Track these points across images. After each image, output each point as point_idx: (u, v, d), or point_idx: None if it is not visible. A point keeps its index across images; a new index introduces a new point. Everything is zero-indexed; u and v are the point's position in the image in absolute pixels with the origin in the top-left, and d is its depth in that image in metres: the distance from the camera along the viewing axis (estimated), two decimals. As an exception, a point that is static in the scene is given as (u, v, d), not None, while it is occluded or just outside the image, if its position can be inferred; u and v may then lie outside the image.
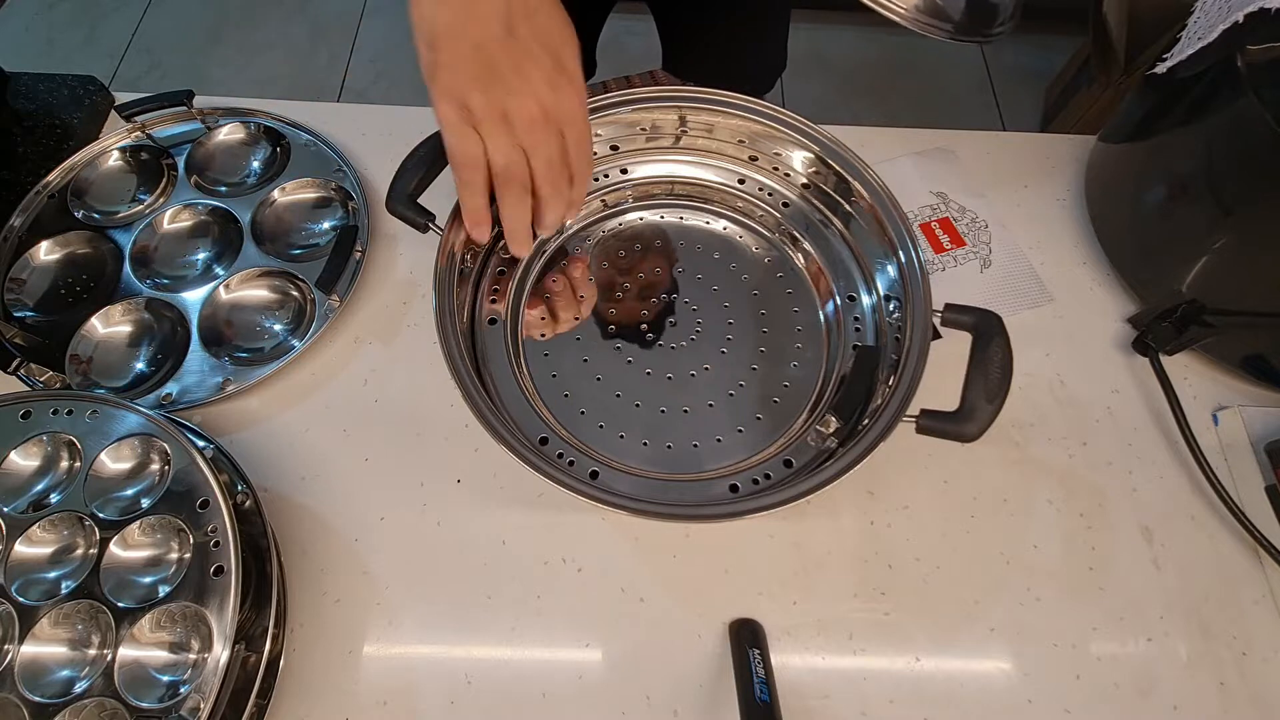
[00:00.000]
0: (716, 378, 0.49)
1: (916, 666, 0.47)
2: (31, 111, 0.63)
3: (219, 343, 0.54)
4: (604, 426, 0.48)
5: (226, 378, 0.52)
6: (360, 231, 0.57)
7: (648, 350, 0.50)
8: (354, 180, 0.60)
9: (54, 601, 0.41)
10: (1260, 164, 0.47)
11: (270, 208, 0.59)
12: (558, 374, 0.49)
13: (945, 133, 0.67)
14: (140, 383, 0.52)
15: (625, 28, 1.19)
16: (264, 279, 0.56)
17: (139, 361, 0.53)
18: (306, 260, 0.57)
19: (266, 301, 0.56)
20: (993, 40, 0.46)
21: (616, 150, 0.55)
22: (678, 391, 0.49)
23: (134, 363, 0.53)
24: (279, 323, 0.55)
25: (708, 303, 0.52)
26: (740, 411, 0.48)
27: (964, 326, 0.44)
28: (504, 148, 0.41)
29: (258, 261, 0.56)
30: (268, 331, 0.55)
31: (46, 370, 0.52)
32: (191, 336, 0.54)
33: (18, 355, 0.51)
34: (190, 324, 0.54)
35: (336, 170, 0.61)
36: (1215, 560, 0.50)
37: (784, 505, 0.40)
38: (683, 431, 0.48)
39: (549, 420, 0.48)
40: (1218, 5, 0.49)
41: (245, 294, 0.56)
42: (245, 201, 0.59)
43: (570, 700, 0.45)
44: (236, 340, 0.54)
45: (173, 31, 1.75)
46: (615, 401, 0.48)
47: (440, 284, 0.45)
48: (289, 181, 0.60)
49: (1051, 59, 1.64)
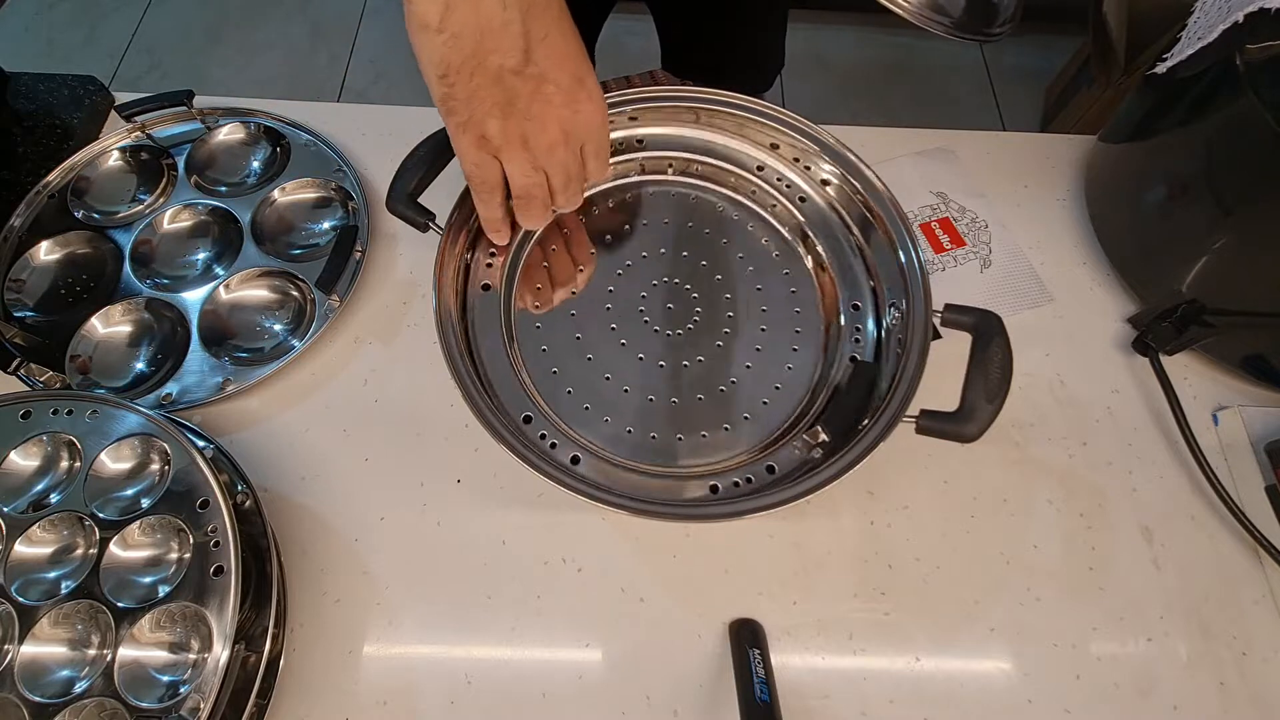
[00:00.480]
0: (709, 371, 0.48)
1: (916, 666, 0.47)
2: (31, 111, 0.63)
3: (219, 343, 0.54)
4: (589, 409, 0.47)
5: (226, 378, 0.52)
6: (360, 232, 0.57)
7: (642, 335, 0.49)
8: (354, 180, 0.60)
9: (54, 601, 0.41)
10: (1260, 164, 0.47)
11: (270, 207, 0.59)
12: (548, 348, 0.48)
13: (945, 133, 0.67)
14: (140, 383, 0.52)
15: (625, 28, 1.19)
16: (264, 279, 0.56)
17: (139, 362, 0.53)
18: (306, 260, 0.57)
19: (266, 302, 0.56)
20: (992, 40, 0.47)
21: (635, 121, 0.54)
22: (668, 381, 0.48)
23: (134, 363, 0.53)
24: (279, 323, 0.55)
25: (709, 292, 0.51)
26: (729, 409, 0.47)
27: (964, 327, 0.44)
28: (525, 171, 0.41)
29: (258, 261, 0.57)
30: (267, 332, 0.55)
31: (46, 370, 0.52)
32: (191, 336, 0.54)
33: (18, 355, 0.51)
34: (190, 324, 0.54)
35: (336, 170, 0.61)
36: (1215, 560, 0.50)
37: (784, 505, 0.40)
38: (668, 422, 0.47)
39: (535, 397, 0.46)
40: (1218, 5, 0.49)
41: (245, 294, 0.56)
42: (245, 201, 0.59)
43: (570, 700, 0.45)
44: (236, 340, 0.54)
45: (173, 31, 1.75)
46: (604, 384, 0.47)
47: (440, 284, 0.45)
48: (289, 181, 0.60)
49: (1051, 59, 1.64)
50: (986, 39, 0.47)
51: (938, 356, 0.44)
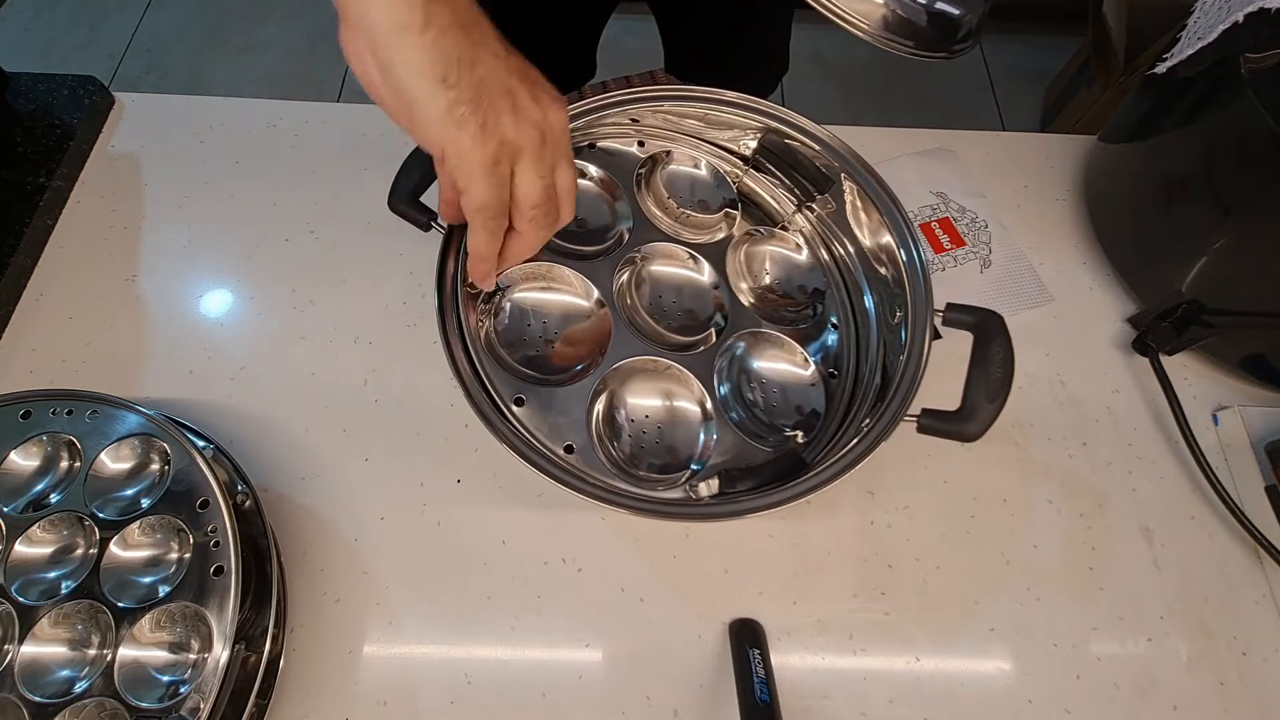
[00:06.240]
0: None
1: (916, 666, 0.47)
2: (31, 111, 0.63)
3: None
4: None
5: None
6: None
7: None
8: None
9: (54, 601, 0.41)
10: (1260, 164, 0.47)
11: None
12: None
13: (945, 133, 0.67)
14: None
15: (625, 28, 1.19)
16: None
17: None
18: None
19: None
20: (957, 56, 0.46)
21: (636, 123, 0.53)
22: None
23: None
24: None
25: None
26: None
27: (965, 326, 0.44)
28: (541, 173, 0.36)
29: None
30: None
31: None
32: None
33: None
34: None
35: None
36: (1215, 560, 0.50)
37: (784, 505, 0.40)
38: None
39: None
40: (1218, 5, 0.49)
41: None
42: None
43: (570, 700, 0.45)
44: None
45: (173, 31, 1.75)
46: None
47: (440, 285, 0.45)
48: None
49: (1051, 59, 1.64)
50: (951, 55, 0.46)
51: (938, 356, 0.44)
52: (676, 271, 0.51)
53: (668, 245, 0.51)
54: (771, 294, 0.52)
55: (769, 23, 0.85)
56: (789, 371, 0.49)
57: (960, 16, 0.45)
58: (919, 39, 0.44)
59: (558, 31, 0.80)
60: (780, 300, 0.52)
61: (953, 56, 0.46)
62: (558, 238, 0.49)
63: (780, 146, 0.52)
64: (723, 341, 0.48)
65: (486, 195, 0.35)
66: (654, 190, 0.53)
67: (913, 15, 0.43)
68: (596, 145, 0.54)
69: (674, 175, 0.54)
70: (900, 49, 0.44)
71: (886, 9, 0.43)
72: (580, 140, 0.53)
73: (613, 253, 0.50)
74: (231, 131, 0.64)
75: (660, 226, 0.52)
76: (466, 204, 0.36)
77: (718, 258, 0.51)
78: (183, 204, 0.61)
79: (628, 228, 0.51)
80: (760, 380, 0.49)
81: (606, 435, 0.46)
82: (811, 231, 0.55)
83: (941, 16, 0.44)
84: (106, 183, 0.62)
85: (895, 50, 0.44)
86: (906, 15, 0.43)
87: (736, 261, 0.52)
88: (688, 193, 0.54)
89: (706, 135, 0.55)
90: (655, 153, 0.54)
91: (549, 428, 0.44)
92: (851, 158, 0.51)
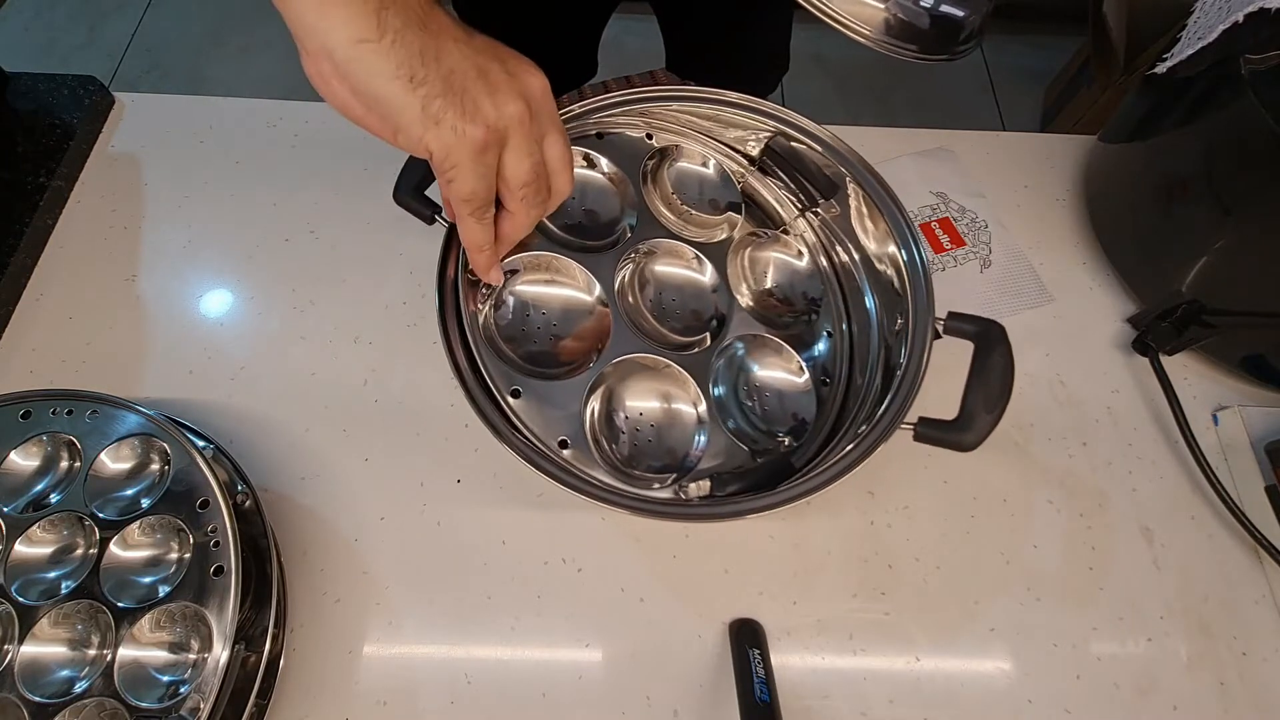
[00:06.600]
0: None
1: (916, 666, 0.47)
2: (31, 111, 0.63)
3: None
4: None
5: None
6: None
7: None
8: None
9: (54, 601, 0.41)
10: (1260, 164, 0.47)
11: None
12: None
13: (945, 133, 0.67)
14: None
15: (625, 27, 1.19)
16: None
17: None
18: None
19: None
20: (959, 58, 0.46)
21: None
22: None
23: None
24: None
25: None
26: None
27: (966, 335, 0.44)
28: (530, 149, 0.36)
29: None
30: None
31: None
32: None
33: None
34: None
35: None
36: (1215, 560, 0.50)
37: (784, 505, 0.40)
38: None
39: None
40: (1218, 5, 0.49)
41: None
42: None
43: (570, 700, 0.45)
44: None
45: (173, 31, 1.75)
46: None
47: (440, 284, 0.45)
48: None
49: (1051, 59, 1.64)
50: (954, 57, 0.46)
51: (938, 358, 0.44)
52: (680, 271, 0.51)
53: (674, 243, 0.51)
54: (770, 298, 0.52)
55: (769, 23, 0.85)
56: (784, 378, 0.49)
57: (964, 18, 0.44)
58: (921, 42, 0.44)
59: (558, 31, 0.80)
60: (779, 305, 0.52)
61: (955, 59, 0.46)
62: (565, 230, 0.49)
63: (787, 150, 0.52)
64: (719, 343, 0.48)
65: (473, 185, 0.35)
66: (660, 186, 0.53)
67: (915, 19, 0.43)
68: (604, 135, 0.53)
69: (682, 173, 0.54)
70: (902, 54, 0.44)
71: (888, 13, 0.43)
72: (590, 128, 0.52)
73: (616, 247, 0.50)
74: (231, 131, 0.64)
75: (665, 223, 0.52)
76: (451, 195, 0.36)
77: (719, 259, 0.51)
78: (183, 204, 0.61)
79: (631, 223, 0.51)
80: (755, 384, 0.49)
81: (602, 431, 0.46)
82: (813, 237, 0.55)
83: (945, 19, 0.44)
84: (106, 183, 0.62)
85: (897, 55, 0.44)
86: (908, 19, 0.43)
87: (739, 264, 0.52)
88: (695, 191, 0.53)
89: (714, 133, 0.55)
90: (665, 146, 0.54)
91: (544, 420, 0.44)
92: (857, 162, 0.51)
